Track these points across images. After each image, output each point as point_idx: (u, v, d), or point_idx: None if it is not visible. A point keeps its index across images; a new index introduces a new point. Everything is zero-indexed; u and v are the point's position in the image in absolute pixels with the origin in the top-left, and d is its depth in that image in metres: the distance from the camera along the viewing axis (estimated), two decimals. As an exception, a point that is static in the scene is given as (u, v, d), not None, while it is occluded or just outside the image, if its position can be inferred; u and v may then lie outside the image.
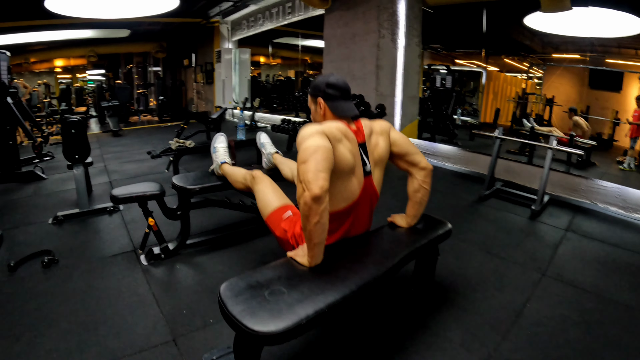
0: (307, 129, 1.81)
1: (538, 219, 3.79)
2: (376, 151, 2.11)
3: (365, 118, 2.18)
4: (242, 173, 2.73)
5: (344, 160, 1.89)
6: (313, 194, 1.60)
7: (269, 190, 2.45)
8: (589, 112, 5.71)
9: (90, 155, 4.09)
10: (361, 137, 2.06)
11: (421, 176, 2.22)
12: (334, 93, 2.05)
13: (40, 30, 11.81)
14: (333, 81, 2.06)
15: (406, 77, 6.34)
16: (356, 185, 2.00)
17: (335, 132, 1.87)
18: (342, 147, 1.90)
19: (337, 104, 2.05)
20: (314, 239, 1.69)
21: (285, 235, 2.17)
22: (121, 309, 2.28)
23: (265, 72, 14.54)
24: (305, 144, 1.74)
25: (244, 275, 1.65)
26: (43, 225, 3.57)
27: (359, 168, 2.01)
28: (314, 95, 2.11)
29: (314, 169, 1.65)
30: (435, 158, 5.97)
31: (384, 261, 1.86)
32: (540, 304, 2.38)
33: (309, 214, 1.64)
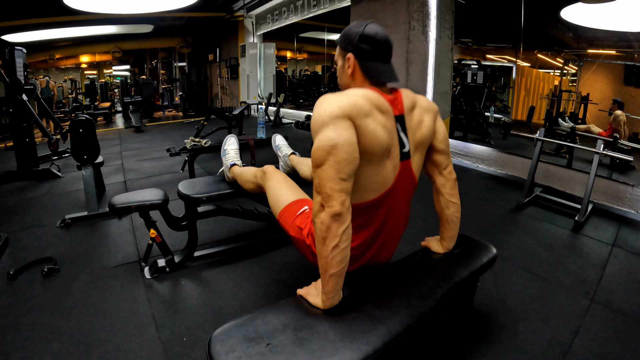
0: (323, 106, 1.41)
1: (581, 231, 3.42)
2: (419, 130, 1.67)
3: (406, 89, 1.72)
4: (252, 171, 2.41)
5: (376, 140, 1.46)
6: (333, 211, 1.30)
7: (281, 185, 2.11)
8: (624, 109, 5.33)
9: (110, 152, 3.90)
10: (399, 107, 1.61)
11: (447, 189, 1.82)
12: (370, 49, 1.58)
13: (61, 26, 11.87)
14: (370, 32, 1.58)
15: (437, 72, 6.00)
16: (390, 171, 1.58)
17: (362, 105, 1.44)
18: (373, 123, 1.46)
19: (371, 65, 1.61)
20: (330, 269, 1.34)
21: (301, 234, 1.81)
22: (117, 330, 2.05)
23: (292, 67, 14.34)
24: (321, 137, 1.37)
25: (241, 321, 1.33)
26: (50, 228, 3.42)
27: (395, 148, 1.58)
28: (343, 47, 1.66)
29: (333, 176, 1.32)
30: (468, 159, 5.62)
31: (418, 304, 1.48)
32: (589, 339, 2.05)
33: (326, 236, 1.32)
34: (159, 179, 4.96)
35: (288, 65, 14.25)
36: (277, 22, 10.64)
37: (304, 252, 1.86)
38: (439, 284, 1.61)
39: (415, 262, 1.83)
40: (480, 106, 6.99)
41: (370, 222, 1.62)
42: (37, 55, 14.00)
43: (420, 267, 1.79)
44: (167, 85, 16.63)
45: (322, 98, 1.45)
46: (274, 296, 2.35)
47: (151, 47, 17.26)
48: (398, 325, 1.33)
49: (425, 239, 2.01)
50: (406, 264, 1.81)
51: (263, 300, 2.31)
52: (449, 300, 1.59)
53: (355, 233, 1.55)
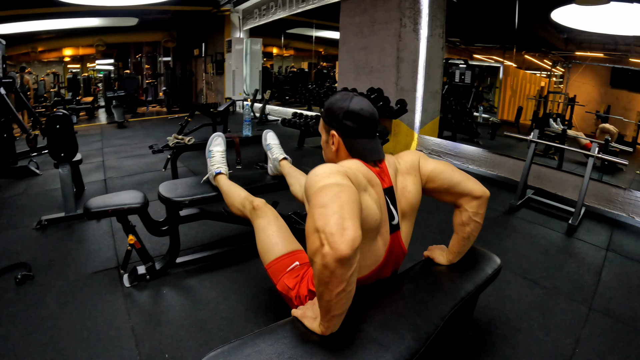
0: (321, 169, 1.27)
1: (575, 234, 3.38)
2: (404, 198, 1.63)
3: (387, 154, 1.67)
4: (241, 198, 2.20)
5: (371, 216, 1.38)
6: (339, 255, 1.04)
7: (272, 231, 1.93)
8: (610, 111, 5.33)
9: (91, 148, 3.74)
10: (387, 179, 1.56)
11: (473, 207, 1.70)
12: (355, 127, 1.52)
13: (44, 18, 11.61)
14: (355, 108, 1.51)
15: (428, 71, 5.92)
16: (381, 247, 1.52)
17: (359, 178, 1.36)
18: (369, 198, 1.39)
19: (357, 143, 1.55)
20: (333, 312, 1.17)
21: (289, 293, 1.70)
22: (94, 345, 1.91)
23: (278, 63, 14.17)
24: (323, 184, 1.20)
25: (229, 348, 1.17)
26: (26, 230, 3.26)
27: (385, 223, 1.51)
28: (327, 123, 1.59)
29: (339, 215, 1.09)
30: (458, 160, 5.55)
31: (425, 324, 1.35)
32: (590, 348, 1.99)
33: (329, 281, 1.09)
34: (141, 178, 4.81)
35: (274, 62, 14.07)
36: (264, 17, 10.49)
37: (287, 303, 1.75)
38: (445, 301, 1.50)
39: (418, 276, 1.72)
40: (469, 106, 6.95)
41: None
42: (18, 48, 13.66)
43: (424, 281, 1.67)
44: (151, 80, 16.39)
45: (315, 168, 1.29)
46: (261, 307, 2.23)
47: (136, 41, 16.97)
48: (405, 352, 1.21)
49: (429, 248, 1.91)
50: (409, 278, 1.69)
51: (250, 312, 2.19)
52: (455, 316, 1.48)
53: None
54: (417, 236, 2.19)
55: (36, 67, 14.79)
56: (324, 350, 1.19)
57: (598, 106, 5.46)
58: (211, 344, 1.89)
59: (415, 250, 2.02)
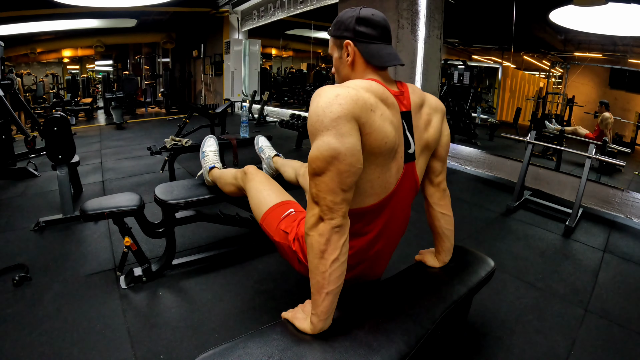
0: (321, 104, 1.22)
1: (572, 236, 3.37)
2: (427, 131, 1.52)
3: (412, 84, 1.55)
4: (232, 172, 2.24)
5: (383, 138, 1.29)
6: (334, 224, 1.16)
7: (264, 186, 1.93)
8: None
9: (89, 149, 3.74)
10: (405, 103, 1.44)
11: (435, 199, 1.67)
12: (369, 32, 1.41)
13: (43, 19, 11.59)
14: (367, 14, 1.41)
15: (426, 72, 5.92)
16: (393, 174, 1.41)
17: (366, 98, 1.26)
18: (379, 119, 1.28)
19: (373, 49, 1.42)
20: (327, 286, 1.19)
21: (287, 238, 1.65)
22: (90, 346, 1.91)
23: (277, 64, 14.17)
24: (320, 143, 1.19)
25: (220, 350, 1.17)
26: (24, 232, 3.24)
27: (401, 148, 1.41)
28: (337, 36, 1.47)
29: (334, 188, 1.17)
30: (456, 161, 5.55)
31: (416, 328, 1.34)
32: (586, 351, 1.97)
33: (325, 249, 1.17)
34: (139, 179, 4.81)
35: (273, 63, 14.06)
36: (262, 18, 10.49)
37: (289, 260, 1.69)
38: (436, 304, 1.49)
39: (410, 279, 1.70)
40: (467, 107, 6.95)
41: (366, 230, 1.47)
42: (17, 49, 13.66)
43: (415, 284, 1.66)
44: (150, 81, 16.39)
45: (319, 91, 1.26)
46: (257, 308, 2.23)
47: (134, 42, 16.95)
48: (395, 355, 1.21)
49: (420, 252, 1.89)
50: (400, 281, 1.68)
51: (245, 314, 2.18)
52: (447, 319, 1.48)
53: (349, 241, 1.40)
54: (413, 238, 2.19)
55: (35, 68, 14.78)
56: (313, 352, 1.19)
57: (597, 107, 5.45)
58: (206, 346, 1.89)
59: (410, 252, 2.02)
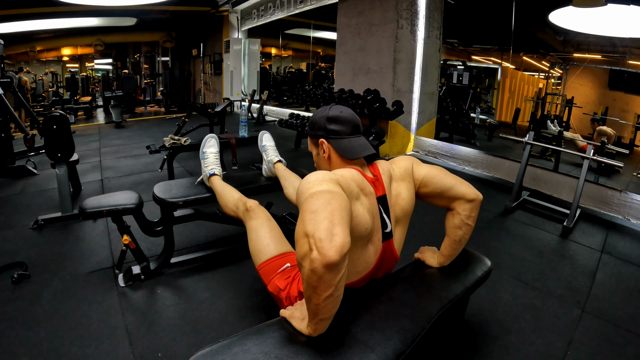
0: (314, 175, 1.30)
1: (570, 236, 3.38)
2: (398, 205, 1.64)
3: (381, 160, 1.70)
4: (234, 199, 2.23)
5: (362, 224, 1.40)
6: (327, 260, 1.05)
7: (264, 232, 1.95)
8: (608, 113, 5.34)
9: (88, 148, 3.74)
10: (381, 188, 1.57)
11: (466, 210, 1.71)
12: (339, 129, 1.57)
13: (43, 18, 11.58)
14: (335, 114, 1.58)
15: (425, 72, 5.93)
16: (372, 254, 1.54)
17: (351, 186, 1.38)
18: (360, 207, 1.41)
19: (345, 143, 1.57)
20: (320, 315, 1.19)
21: (279, 294, 1.72)
22: (89, 344, 1.92)
23: (277, 64, 14.18)
24: (314, 190, 1.22)
25: (217, 348, 1.18)
26: (23, 229, 3.25)
27: (378, 231, 1.53)
28: (313, 135, 1.65)
29: (329, 221, 1.11)
30: (454, 161, 5.56)
31: (412, 326, 1.35)
32: (582, 351, 1.98)
33: (317, 285, 1.10)
34: (138, 178, 4.81)
35: (272, 62, 14.08)
36: (262, 18, 10.48)
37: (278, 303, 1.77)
38: (433, 303, 1.51)
39: (407, 278, 1.72)
40: (466, 107, 6.96)
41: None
42: (17, 47, 13.66)
43: (412, 283, 1.68)
44: (149, 80, 16.37)
45: (308, 176, 1.32)
46: (254, 307, 2.24)
47: (134, 40, 16.95)
48: (391, 353, 1.22)
49: (420, 249, 1.92)
50: (398, 280, 1.69)
51: (243, 311, 2.19)
52: (443, 318, 1.49)
53: None
54: (410, 237, 2.19)
55: (35, 66, 14.78)
56: (309, 350, 1.20)
57: (596, 108, 5.47)
58: (204, 343, 1.89)
59: (406, 251, 2.03)
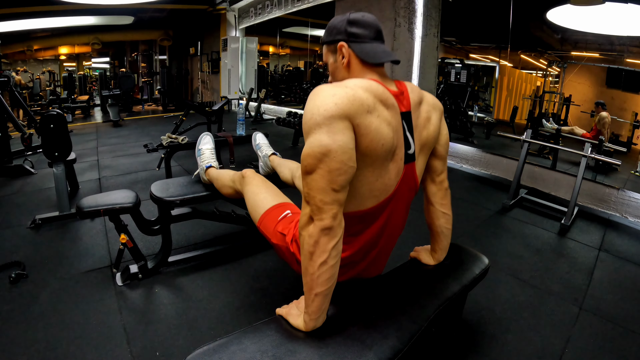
0: (317, 102, 1.21)
1: (568, 234, 3.38)
2: (426, 129, 1.49)
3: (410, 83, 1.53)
4: (230, 175, 2.24)
5: (379, 140, 1.27)
6: (323, 225, 1.13)
7: (260, 189, 1.93)
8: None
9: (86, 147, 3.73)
10: (405, 103, 1.42)
11: (437, 198, 1.67)
12: (362, 32, 1.42)
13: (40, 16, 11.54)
14: (357, 16, 1.43)
15: (423, 71, 5.91)
16: (393, 176, 1.40)
17: (364, 99, 1.24)
18: (377, 120, 1.26)
19: (367, 47, 1.42)
20: (316, 288, 1.19)
21: (284, 240, 1.64)
22: (86, 343, 1.91)
23: (274, 62, 14.14)
24: (312, 141, 1.18)
25: (214, 346, 1.18)
26: (20, 229, 3.24)
27: (400, 150, 1.39)
28: (331, 41, 1.48)
29: (324, 186, 1.15)
30: (452, 159, 5.56)
31: (409, 324, 1.35)
32: (580, 349, 1.98)
33: (313, 251, 1.16)
34: (135, 177, 4.80)
35: (270, 60, 14.03)
36: (260, 16, 10.45)
37: (288, 261, 1.70)
38: (430, 301, 1.50)
39: (404, 276, 1.71)
40: (464, 105, 6.95)
41: (365, 232, 1.46)
42: (14, 46, 13.61)
43: (409, 281, 1.67)
44: (147, 79, 16.32)
45: (316, 90, 1.25)
46: (252, 305, 2.24)
47: (131, 39, 16.87)
48: (388, 351, 1.21)
49: (415, 249, 1.90)
50: (394, 278, 1.68)
51: (240, 310, 2.19)
52: (441, 316, 1.49)
53: (348, 242, 1.43)
54: (408, 235, 2.20)
55: (32, 65, 14.72)
56: (307, 348, 1.20)
57: (593, 106, 5.46)
58: (201, 342, 1.87)
59: (403, 250, 2.03)
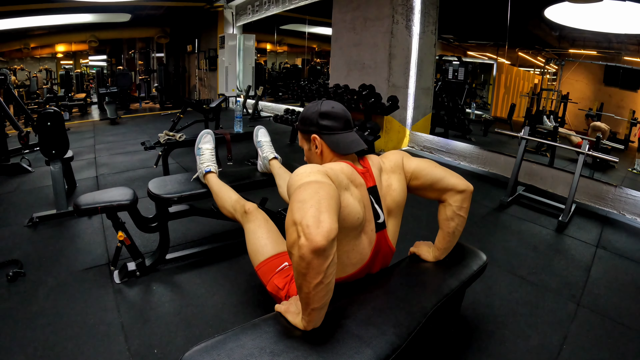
0: (303, 168, 1.33)
1: (565, 231, 3.38)
2: (389, 196, 1.66)
3: (371, 154, 1.73)
4: (232, 201, 2.22)
5: (353, 214, 1.42)
6: (314, 245, 1.05)
7: (262, 233, 1.96)
8: (603, 109, 5.34)
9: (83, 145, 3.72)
10: (371, 179, 1.60)
11: (457, 201, 1.70)
12: (332, 124, 1.59)
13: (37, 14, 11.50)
14: (327, 109, 1.59)
15: (420, 68, 5.92)
16: (366, 245, 1.55)
17: (340, 177, 1.41)
18: (350, 197, 1.42)
19: (337, 138, 1.59)
20: (312, 304, 1.17)
21: (279, 293, 1.73)
22: (84, 341, 1.91)
23: (271, 59, 14.13)
24: (303, 182, 1.24)
25: (212, 343, 1.18)
26: (18, 227, 3.23)
27: (370, 222, 1.55)
28: (305, 131, 1.66)
29: (316, 209, 1.12)
30: (449, 156, 5.56)
31: (407, 321, 1.34)
32: (578, 346, 1.99)
33: (306, 272, 1.10)
34: (133, 175, 4.80)
35: (268, 58, 14.02)
36: (257, 13, 10.45)
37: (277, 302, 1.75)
38: (428, 298, 1.51)
39: (403, 272, 1.73)
40: (462, 103, 6.96)
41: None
42: (11, 44, 13.58)
43: (407, 277, 1.69)
44: (144, 76, 16.30)
45: (297, 170, 1.34)
46: (250, 302, 2.24)
47: (129, 37, 16.86)
48: (386, 347, 1.22)
49: (415, 243, 1.91)
50: (394, 274, 1.70)
51: (238, 307, 2.19)
52: (438, 312, 1.49)
53: None
54: (405, 232, 2.20)
55: (29, 63, 14.69)
56: (305, 345, 1.20)
57: (591, 104, 5.47)
58: (199, 339, 1.87)
59: (402, 246, 2.03)
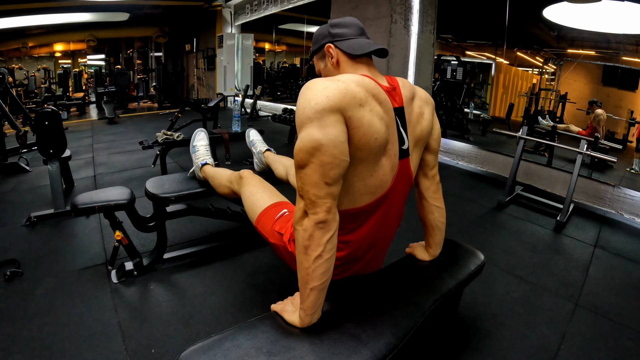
0: (309, 95, 1.21)
1: (563, 231, 3.38)
2: (419, 124, 1.49)
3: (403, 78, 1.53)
4: (227, 175, 2.23)
5: (372, 133, 1.26)
6: (317, 219, 1.14)
7: (258, 190, 1.93)
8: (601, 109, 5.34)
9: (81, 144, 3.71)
10: (398, 99, 1.42)
11: (430, 192, 1.66)
12: (345, 31, 1.46)
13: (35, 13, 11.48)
14: (338, 20, 1.48)
15: (419, 67, 5.91)
16: (388, 171, 1.38)
17: (355, 93, 1.24)
18: (369, 114, 1.25)
19: (353, 42, 1.44)
20: (311, 282, 1.18)
21: (282, 240, 1.64)
22: (82, 340, 1.91)
23: (270, 59, 14.11)
24: (304, 135, 1.18)
25: (209, 343, 1.18)
26: (15, 227, 3.23)
27: (394, 144, 1.38)
28: (318, 48, 1.52)
29: (317, 180, 1.15)
30: (448, 156, 5.57)
31: (405, 320, 1.34)
32: (575, 345, 1.99)
33: (308, 245, 1.16)
34: (131, 174, 4.79)
35: (266, 57, 14.00)
36: (256, 12, 10.44)
37: (286, 260, 1.70)
38: (426, 297, 1.49)
39: (400, 272, 1.70)
40: (460, 102, 6.96)
41: (361, 230, 1.45)
42: (9, 44, 13.54)
43: (405, 277, 1.66)
44: (142, 76, 16.27)
45: (308, 84, 1.25)
46: (248, 302, 2.23)
47: (127, 36, 16.82)
48: (383, 347, 1.21)
49: (410, 245, 1.89)
50: (390, 274, 1.68)
51: (236, 307, 2.19)
52: (436, 312, 1.48)
53: (343, 242, 1.43)
54: (405, 231, 2.20)
55: (27, 62, 14.65)
56: (302, 344, 1.20)
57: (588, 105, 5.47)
58: (197, 339, 1.87)
59: (399, 246, 2.03)
